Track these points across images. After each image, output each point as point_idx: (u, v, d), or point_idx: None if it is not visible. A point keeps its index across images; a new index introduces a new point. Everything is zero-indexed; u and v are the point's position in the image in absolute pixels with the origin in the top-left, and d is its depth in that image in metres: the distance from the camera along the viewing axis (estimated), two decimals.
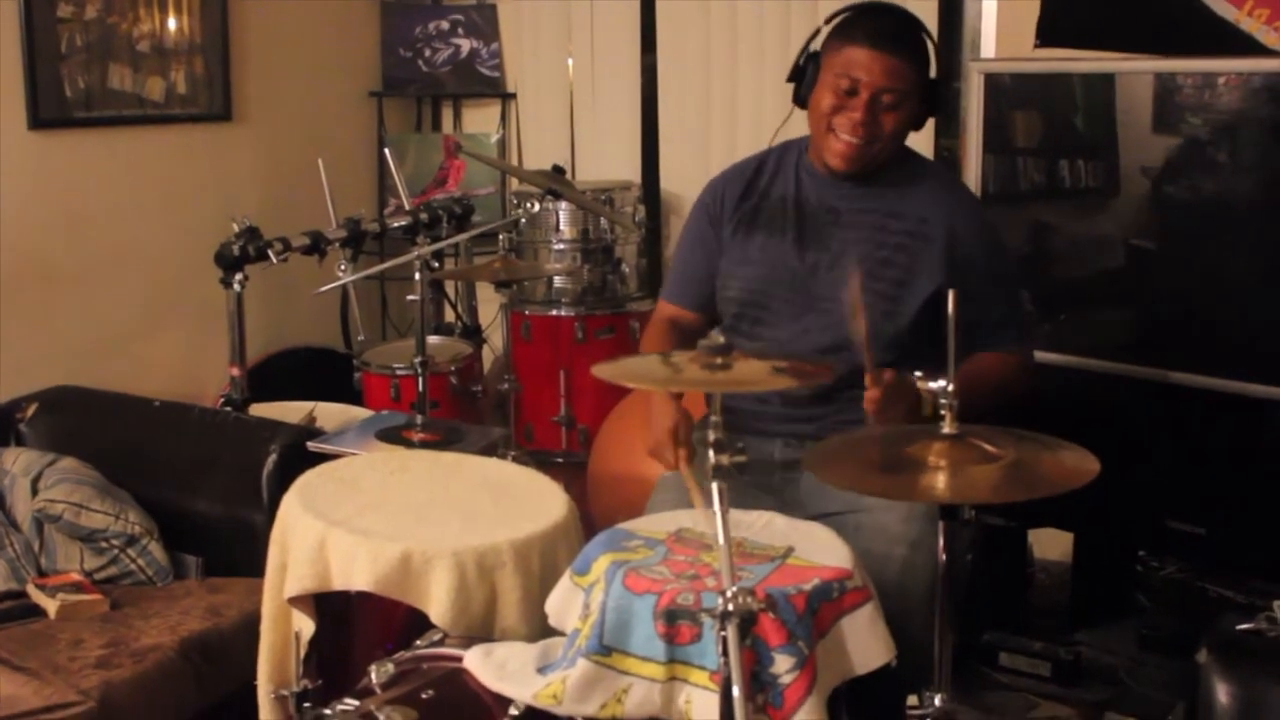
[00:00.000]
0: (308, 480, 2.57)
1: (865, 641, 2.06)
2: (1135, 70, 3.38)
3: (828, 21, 2.68)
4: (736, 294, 2.74)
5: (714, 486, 1.73)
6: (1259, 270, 3.14)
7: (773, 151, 2.82)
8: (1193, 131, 3.24)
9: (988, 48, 4.07)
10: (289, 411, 3.70)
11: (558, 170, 4.14)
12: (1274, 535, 3.13)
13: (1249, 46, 3.45)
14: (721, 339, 1.82)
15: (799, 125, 2.85)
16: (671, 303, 2.87)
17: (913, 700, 2.14)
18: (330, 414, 3.77)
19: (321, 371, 4.45)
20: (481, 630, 2.25)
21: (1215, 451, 3.22)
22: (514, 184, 4.94)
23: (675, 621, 1.95)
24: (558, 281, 4.42)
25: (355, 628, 2.43)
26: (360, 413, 3.74)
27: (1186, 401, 3.24)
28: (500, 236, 3.83)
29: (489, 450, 3.24)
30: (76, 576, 3.02)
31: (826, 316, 2.62)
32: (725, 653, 1.71)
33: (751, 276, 2.71)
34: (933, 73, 2.66)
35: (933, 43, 2.66)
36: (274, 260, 3.69)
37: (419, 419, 3.29)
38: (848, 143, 2.59)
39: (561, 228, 4.41)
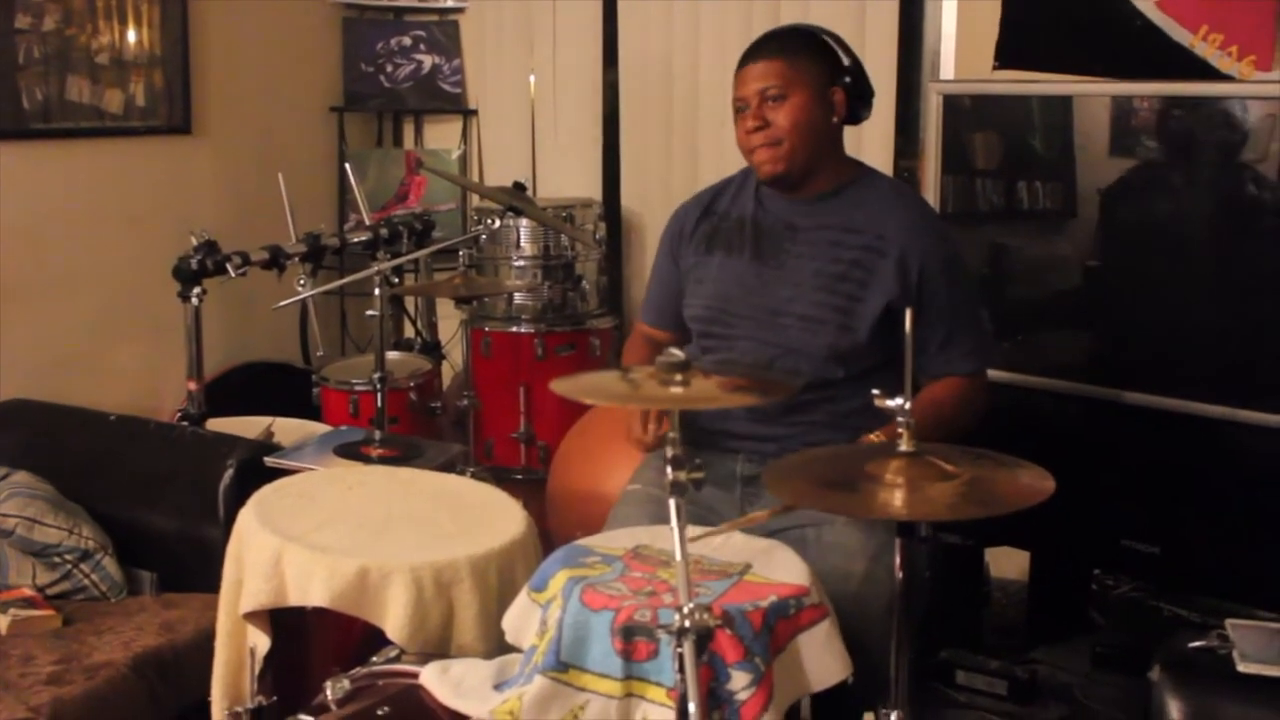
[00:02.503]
0: (264, 495, 2.56)
1: (822, 658, 2.07)
2: (1092, 93, 3.41)
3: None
4: (699, 312, 2.79)
5: (671, 503, 1.73)
6: (1214, 291, 3.17)
7: (736, 176, 2.87)
8: (1148, 154, 3.28)
9: (947, 69, 4.10)
10: (247, 426, 3.67)
11: (519, 187, 4.14)
12: (1227, 554, 3.16)
13: (1203, 71, 3.49)
14: (680, 355, 1.82)
15: None
16: (646, 324, 3.00)
17: (869, 717, 2.14)
18: (288, 429, 3.75)
19: (280, 386, 4.42)
20: (438, 646, 2.25)
21: (1170, 471, 3.24)
22: (475, 200, 4.94)
23: (632, 638, 1.95)
24: (518, 298, 4.43)
25: (311, 644, 2.41)
26: (318, 428, 3.73)
27: (1142, 421, 3.27)
28: (461, 253, 3.82)
29: (447, 466, 3.24)
30: (29, 592, 2.99)
31: (784, 331, 2.65)
32: (681, 669, 1.71)
33: (711, 295, 2.76)
34: (846, 63, 2.70)
35: (833, 39, 2.71)
36: (232, 274, 3.67)
37: (377, 435, 3.28)
38: (757, 152, 2.67)
39: (522, 244, 4.42)
